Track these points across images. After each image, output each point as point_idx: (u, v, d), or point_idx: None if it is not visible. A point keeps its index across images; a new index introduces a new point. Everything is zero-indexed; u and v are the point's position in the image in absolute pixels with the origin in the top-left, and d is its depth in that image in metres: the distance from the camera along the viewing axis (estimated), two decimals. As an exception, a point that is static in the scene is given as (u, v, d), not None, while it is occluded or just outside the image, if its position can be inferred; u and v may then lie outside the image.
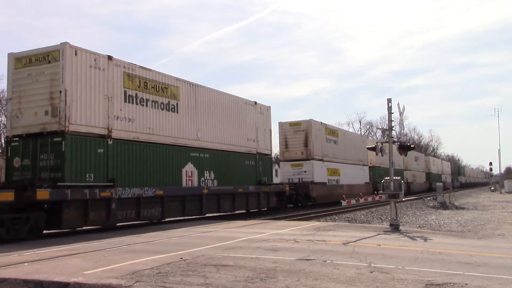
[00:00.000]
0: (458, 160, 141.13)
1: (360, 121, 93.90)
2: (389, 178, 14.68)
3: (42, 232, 13.30)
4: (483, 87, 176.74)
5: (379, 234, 12.72)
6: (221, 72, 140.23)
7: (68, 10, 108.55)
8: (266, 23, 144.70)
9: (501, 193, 58.46)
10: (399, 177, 15.16)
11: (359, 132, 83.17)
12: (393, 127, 15.31)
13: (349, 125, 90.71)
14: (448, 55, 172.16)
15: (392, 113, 14.88)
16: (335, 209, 25.09)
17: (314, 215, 22.25)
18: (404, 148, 17.12)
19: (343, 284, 6.40)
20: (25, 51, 14.55)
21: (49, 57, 14.04)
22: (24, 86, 14.31)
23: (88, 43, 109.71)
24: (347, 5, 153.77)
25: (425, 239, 11.67)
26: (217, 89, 21.66)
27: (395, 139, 16.61)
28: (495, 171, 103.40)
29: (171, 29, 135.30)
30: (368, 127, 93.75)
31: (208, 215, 19.66)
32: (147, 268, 7.51)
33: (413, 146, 18.11)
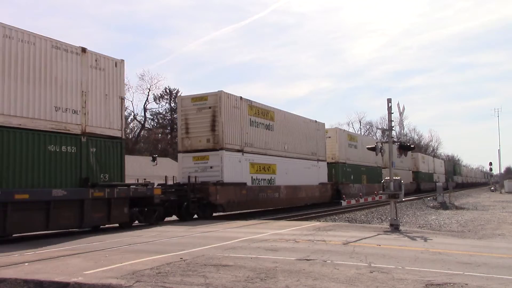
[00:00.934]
0: (458, 160, 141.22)
1: (360, 121, 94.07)
2: (389, 178, 14.69)
3: None
4: (483, 87, 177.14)
5: (379, 234, 12.72)
6: (221, 72, 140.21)
7: (68, 10, 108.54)
8: (266, 23, 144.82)
9: (501, 193, 58.46)
10: (399, 177, 15.15)
11: (359, 132, 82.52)
12: (393, 127, 15.30)
13: (349, 125, 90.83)
14: (448, 55, 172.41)
15: (392, 113, 14.87)
16: (335, 209, 25.08)
17: (314, 215, 22.26)
18: (404, 148, 17.13)
19: (343, 284, 6.41)
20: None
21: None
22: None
23: (88, 43, 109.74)
24: (347, 5, 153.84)
25: (425, 239, 11.67)
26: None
27: (395, 139, 16.60)
28: (495, 171, 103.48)
29: (171, 29, 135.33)
30: (368, 127, 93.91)
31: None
32: (147, 268, 7.52)
33: (413, 146, 18.11)
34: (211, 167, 20.44)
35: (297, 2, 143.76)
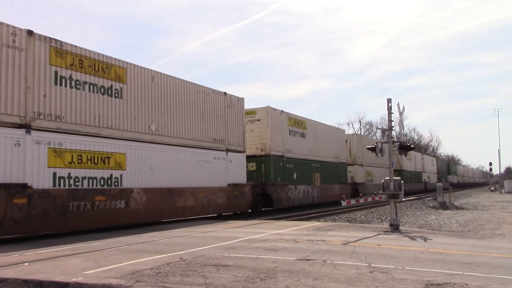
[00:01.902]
0: (458, 160, 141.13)
1: (360, 121, 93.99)
2: (389, 178, 14.69)
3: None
4: (483, 87, 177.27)
5: (379, 234, 12.72)
6: (221, 72, 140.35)
7: (68, 10, 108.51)
8: (265, 23, 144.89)
9: (501, 193, 58.47)
10: (399, 177, 15.15)
11: (359, 132, 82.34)
12: (393, 127, 15.30)
13: (349, 125, 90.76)
14: (448, 55, 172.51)
15: (392, 113, 14.87)
16: (335, 209, 25.09)
17: (314, 215, 22.28)
18: (404, 148, 17.13)
19: (343, 284, 6.41)
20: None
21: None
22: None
23: (89, 43, 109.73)
24: (347, 5, 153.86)
25: (425, 239, 11.67)
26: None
27: (395, 139, 16.60)
28: (495, 171, 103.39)
29: (171, 29, 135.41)
30: (368, 127, 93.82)
31: (209, 215, 19.67)
32: (147, 268, 7.52)
33: (413, 146, 18.12)
34: None
35: (297, 2, 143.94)
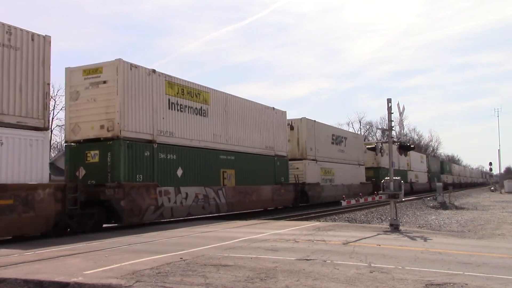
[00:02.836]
0: (458, 160, 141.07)
1: (360, 121, 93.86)
2: (389, 178, 14.68)
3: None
4: (483, 87, 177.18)
5: (379, 234, 12.72)
6: (221, 72, 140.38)
7: (68, 10, 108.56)
8: (265, 23, 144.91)
9: (501, 193, 58.45)
10: (399, 177, 15.13)
11: (359, 132, 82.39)
12: (393, 127, 15.30)
13: (349, 125, 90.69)
14: (448, 55, 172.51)
15: (392, 113, 14.87)
16: (335, 209, 25.07)
17: (314, 215, 22.27)
18: (404, 148, 17.14)
19: (343, 284, 6.41)
20: None
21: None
22: None
23: (89, 43, 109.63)
24: (346, 5, 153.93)
25: (425, 239, 11.67)
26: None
27: (395, 139, 16.61)
28: (495, 171, 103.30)
29: (171, 29, 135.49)
30: (368, 127, 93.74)
31: (209, 215, 19.64)
32: (147, 268, 7.52)
33: (413, 146, 18.12)
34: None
35: (297, 2, 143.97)
